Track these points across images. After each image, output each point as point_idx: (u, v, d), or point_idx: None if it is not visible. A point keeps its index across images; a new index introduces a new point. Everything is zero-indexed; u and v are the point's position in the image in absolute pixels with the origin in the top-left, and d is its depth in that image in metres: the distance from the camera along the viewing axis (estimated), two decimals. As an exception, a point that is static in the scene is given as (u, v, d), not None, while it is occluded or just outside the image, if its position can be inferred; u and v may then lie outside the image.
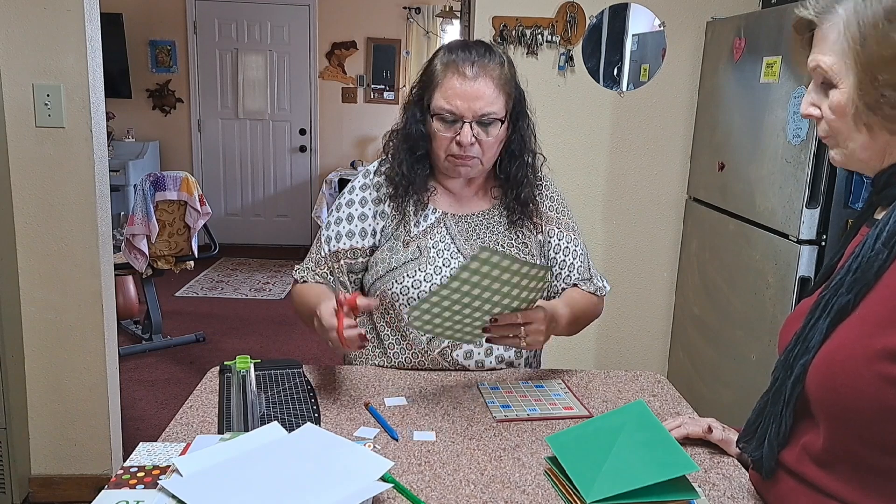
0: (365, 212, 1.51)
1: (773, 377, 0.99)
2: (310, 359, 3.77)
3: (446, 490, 1.03)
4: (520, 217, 1.51)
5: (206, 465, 1.02)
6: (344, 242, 1.50)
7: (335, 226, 1.52)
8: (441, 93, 1.40)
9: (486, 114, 1.39)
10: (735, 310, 2.45)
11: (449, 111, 1.39)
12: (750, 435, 1.02)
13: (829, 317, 0.90)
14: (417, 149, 1.46)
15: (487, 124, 1.40)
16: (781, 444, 0.97)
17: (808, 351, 0.91)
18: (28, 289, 2.37)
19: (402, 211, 1.49)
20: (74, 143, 2.28)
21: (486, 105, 1.38)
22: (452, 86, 1.38)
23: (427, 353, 1.47)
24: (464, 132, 1.39)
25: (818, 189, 2.06)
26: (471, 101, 1.37)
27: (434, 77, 1.42)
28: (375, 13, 6.17)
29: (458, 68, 1.38)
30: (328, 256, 1.51)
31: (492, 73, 1.39)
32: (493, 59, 1.41)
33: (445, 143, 1.42)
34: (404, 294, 1.44)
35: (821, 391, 0.89)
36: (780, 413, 0.96)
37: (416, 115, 1.45)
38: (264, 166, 6.43)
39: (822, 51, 0.91)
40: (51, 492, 2.50)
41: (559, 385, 1.41)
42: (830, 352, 0.89)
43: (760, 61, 2.32)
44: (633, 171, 2.91)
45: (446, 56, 1.42)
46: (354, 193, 1.53)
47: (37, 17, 2.20)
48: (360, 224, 1.50)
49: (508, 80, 1.43)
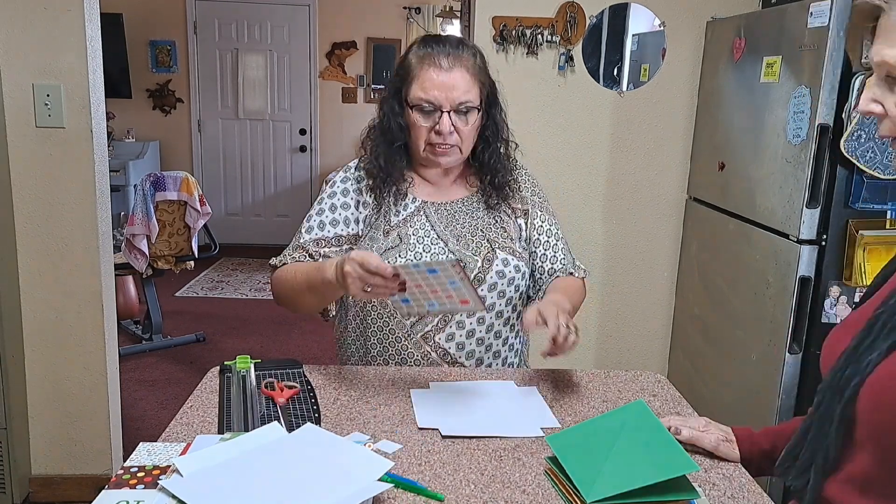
0: (347, 201, 1.54)
1: (817, 399, 0.92)
2: (310, 359, 3.76)
3: (446, 490, 1.03)
4: (497, 202, 1.55)
5: (206, 465, 1.02)
6: (328, 230, 1.51)
7: (317, 216, 1.53)
8: (419, 84, 1.44)
9: (463, 102, 1.44)
10: (735, 310, 2.45)
11: (427, 101, 1.43)
12: (790, 462, 0.95)
13: (893, 337, 0.83)
14: (395, 140, 1.49)
15: (465, 112, 1.45)
16: (828, 473, 0.89)
17: (860, 371, 0.84)
18: (28, 289, 2.37)
19: (382, 201, 1.52)
20: (74, 143, 2.29)
21: (462, 94, 1.43)
22: (430, 77, 1.43)
23: (411, 336, 1.49)
24: (443, 121, 1.43)
25: (818, 189, 2.06)
26: (448, 91, 1.42)
27: (410, 70, 1.46)
28: (375, 13, 6.17)
29: (433, 60, 1.43)
30: (308, 243, 1.51)
31: (466, 63, 1.45)
32: (466, 50, 1.47)
33: (425, 133, 1.46)
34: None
35: (874, 414, 0.83)
36: (828, 439, 0.88)
37: (395, 108, 1.49)
38: (264, 166, 6.43)
39: (890, 42, 0.83)
40: (51, 492, 2.50)
41: (454, 271, 1.22)
42: (887, 372, 0.82)
43: (760, 61, 2.32)
44: (633, 171, 2.91)
45: (421, 49, 1.46)
46: (336, 186, 1.56)
47: (37, 17, 2.20)
48: (343, 213, 1.53)
49: (481, 69, 1.49)
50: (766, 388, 2.22)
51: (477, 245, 1.50)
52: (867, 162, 1.97)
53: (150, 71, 6.10)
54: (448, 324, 1.49)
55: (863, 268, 2.05)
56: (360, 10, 6.14)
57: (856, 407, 0.85)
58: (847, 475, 0.89)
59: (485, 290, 1.48)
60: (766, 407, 2.22)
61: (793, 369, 2.15)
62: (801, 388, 2.16)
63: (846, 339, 0.90)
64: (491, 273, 1.49)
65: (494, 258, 1.50)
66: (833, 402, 0.88)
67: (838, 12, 1.95)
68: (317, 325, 4.48)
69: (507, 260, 1.51)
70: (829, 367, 0.93)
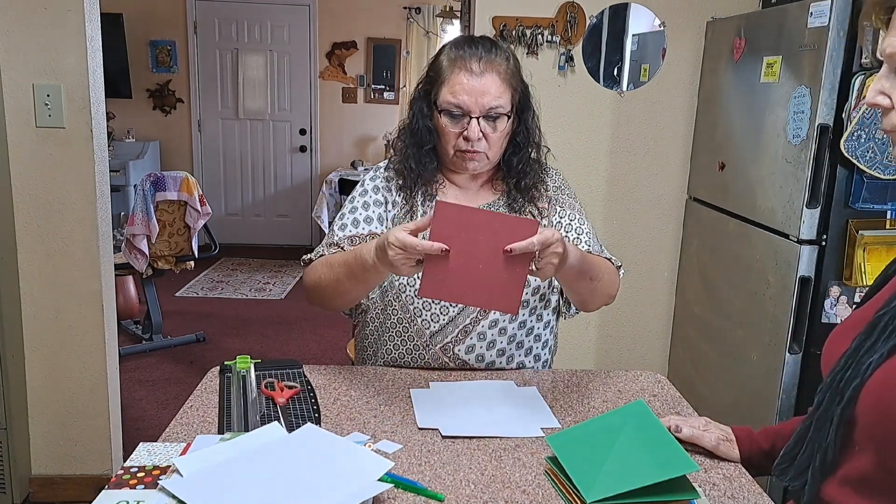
0: (379, 198, 1.52)
1: (817, 400, 0.92)
2: (310, 359, 3.77)
3: (446, 490, 1.03)
4: (523, 204, 1.51)
5: (207, 465, 1.02)
6: (363, 228, 1.48)
7: (350, 214, 1.51)
8: (448, 88, 1.40)
9: (493, 108, 1.39)
10: (735, 310, 2.45)
11: (456, 106, 1.40)
12: (788, 463, 0.95)
13: (893, 340, 0.83)
14: (425, 143, 1.47)
15: (494, 118, 1.41)
16: (826, 474, 0.89)
17: (860, 374, 0.84)
18: (28, 289, 2.37)
19: (411, 201, 1.50)
20: (75, 143, 2.28)
21: (492, 100, 1.39)
22: (460, 81, 1.39)
23: (429, 347, 1.47)
24: (471, 127, 1.40)
25: (818, 189, 2.06)
26: (478, 97, 1.38)
27: (441, 73, 1.42)
28: (375, 13, 6.16)
29: (465, 64, 1.39)
30: (343, 240, 1.47)
31: (498, 68, 1.40)
32: (499, 54, 1.42)
33: (453, 138, 1.43)
34: (410, 285, 1.45)
35: (874, 416, 0.83)
36: (827, 440, 0.88)
37: (423, 109, 1.46)
38: (264, 166, 6.43)
39: None
40: (51, 492, 2.50)
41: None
42: (887, 375, 0.82)
43: (760, 61, 2.32)
44: (633, 171, 2.91)
45: (453, 52, 1.42)
46: (366, 185, 1.55)
47: (37, 17, 2.20)
48: (376, 210, 1.51)
49: (514, 74, 1.44)
50: (766, 388, 2.22)
51: None
52: (867, 162, 1.97)
53: (150, 71, 6.10)
54: (469, 335, 1.46)
55: (863, 268, 2.05)
56: (360, 10, 6.14)
57: (855, 409, 0.85)
58: (845, 476, 0.89)
59: None
60: (766, 407, 2.22)
61: (793, 369, 2.15)
62: (801, 388, 2.16)
63: (847, 341, 0.90)
64: None
65: None
66: (832, 403, 0.88)
67: (838, 12, 1.95)
68: (317, 326, 4.48)
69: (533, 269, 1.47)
70: (829, 368, 0.92)
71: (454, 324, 1.46)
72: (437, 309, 1.45)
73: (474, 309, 1.45)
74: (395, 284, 1.46)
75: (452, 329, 1.46)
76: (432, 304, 1.45)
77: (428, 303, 1.45)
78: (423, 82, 1.48)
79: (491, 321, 1.46)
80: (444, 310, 1.45)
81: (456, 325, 1.46)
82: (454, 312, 1.45)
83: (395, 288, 1.46)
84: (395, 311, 1.49)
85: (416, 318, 1.46)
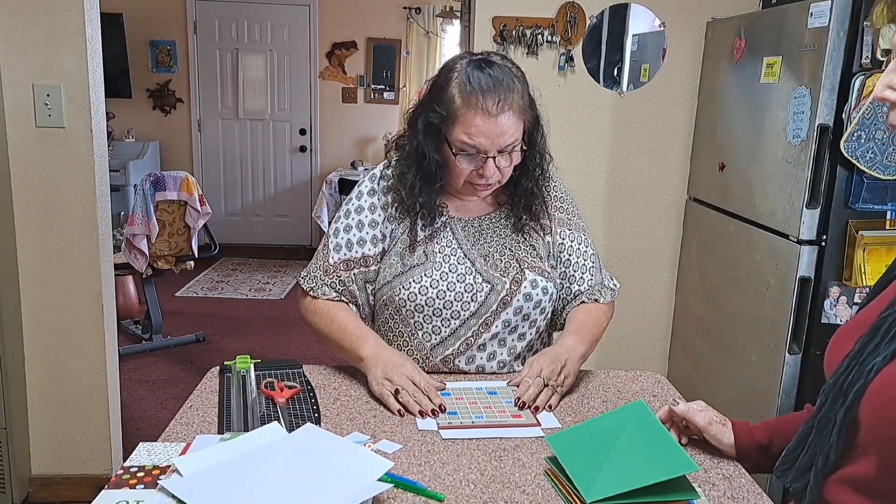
0: (375, 218, 1.48)
1: (820, 402, 0.92)
2: (310, 359, 3.76)
3: (446, 490, 1.03)
4: (527, 221, 1.50)
5: (206, 465, 1.02)
6: (355, 251, 1.47)
7: (344, 233, 1.49)
8: (463, 129, 1.36)
9: (509, 144, 1.37)
10: (735, 310, 2.45)
11: (473, 146, 1.36)
12: (790, 463, 0.95)
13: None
14: (435, 181, 1.43)
15: (510, 152, 1.39)
16: (827, 475, 0.89)
17: (864, 375, 0.84)
18: (28, 289, 2.37)
19: (409, 216, 1.48)
20: (74, 143, 2.29)
21: (509, 138, 1.37)
22: (476, 123, 1.34)
23: (429, 359, 1.47)
24: (488, 166, 1.37)
25: (818, 189, 2.06)
26: (495, 138, 1.35)
27: (454, 111, 1.36)
28: (375, 13, 6.16)
29: (479, 103, 1.34)
30: (338, 265, 1.48)
31: (514, 104, 1.36)
32: (514, 85, 1.37)
33: (466, 173, 1.40)
34: (411, 300, 1.43)
35: (877, 419, 0.83)
36: (829, 442, 0.88)
37: (431, 145, 1.41)
38: (264, 166, 6.43)
39: None
40: (51, 492, 2.50)
41: (513, 392, 1.35)
42: (891, 377, 0.82)
43: (760, 61, 2.32)
44: (633, 171, 2.91)
45: (467, 86, 1.35)
46: (363, 199, 1.50)
47: (37, 17, 2.20)
48: (370, 231, 1.48)
49: (528, 103, 1.40)
50: (766, 388, 2.22)
51: (505, 265, 1.45)
52: (867, 162, 1.97)
53: (150, 71, 6.10)
54: (470, 347, 1.46)
55: (863, 268, 2.05)
56: (360, 10, 6.14)
57: (858, 411, 0.85)
58: (847, 478, 0.88)
59: (510, 314, 1.44)
60: (765, 407, 2.22)
61: (792, 369, 2.15)
62: (801, 389, 2.16)
63: (850, 342, 0.90)
64: (518, 296, 1.43)
65: (523, 279, 1.44)
66: (835, 405, 0.87)
67: (838, 13, 1.95)
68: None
69: (536, 281, 1.45)
70: (832, 369, 0.92)
71: (456, 336, 1.44)
72: (437, 322, 1.44)
73: (476, 321, 1.44)
74: (394, 299, 1.45)
75: (454, 341, 1.45)
76: (433, 317, 1.44)
77: (429, 316, 1.44)
78: (428, 110, 1.40)
79: (492, 333, 1.46)
80: (445, 322, 1.44)
81: (458, 337, 1.45)
82: (456, 325, 1.44)
83: (394, 303, 1.45)
84: (396, 324, 1.48)
85: (417, 331, 1.45)
